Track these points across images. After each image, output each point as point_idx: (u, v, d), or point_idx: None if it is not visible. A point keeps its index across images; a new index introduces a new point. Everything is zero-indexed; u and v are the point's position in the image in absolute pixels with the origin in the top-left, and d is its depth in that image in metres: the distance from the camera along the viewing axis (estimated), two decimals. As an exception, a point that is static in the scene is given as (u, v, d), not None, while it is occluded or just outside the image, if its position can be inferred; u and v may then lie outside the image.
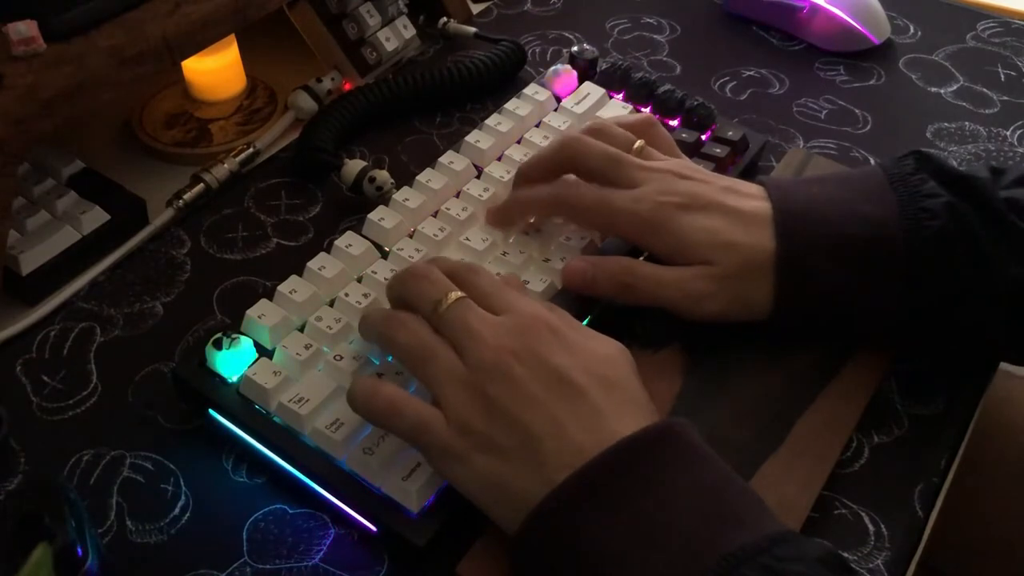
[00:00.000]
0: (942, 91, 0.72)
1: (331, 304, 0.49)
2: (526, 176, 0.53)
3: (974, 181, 0.47)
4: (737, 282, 0.48)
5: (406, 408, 0.40)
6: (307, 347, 0.46)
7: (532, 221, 0.53)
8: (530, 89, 0.63)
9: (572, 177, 0.52)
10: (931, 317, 0.47)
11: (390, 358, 0.46)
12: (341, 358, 0.46)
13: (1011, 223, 0.46)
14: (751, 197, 0.50)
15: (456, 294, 0.43)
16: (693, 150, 0.59)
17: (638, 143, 0.52)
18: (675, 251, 0.49)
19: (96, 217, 0.55)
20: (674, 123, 0.62)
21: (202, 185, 0.59)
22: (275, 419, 0.44)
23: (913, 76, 0.73)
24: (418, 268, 0.45)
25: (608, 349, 0.42)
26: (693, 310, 0.48)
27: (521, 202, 0.53)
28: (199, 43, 0.56)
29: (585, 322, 0.50)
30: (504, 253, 0.52)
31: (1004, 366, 0.55)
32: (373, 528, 0.42)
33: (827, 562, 0.35)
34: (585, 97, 0.63)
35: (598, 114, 0.63)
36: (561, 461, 0.38)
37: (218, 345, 0.45)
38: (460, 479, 0.40)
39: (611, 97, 0.64)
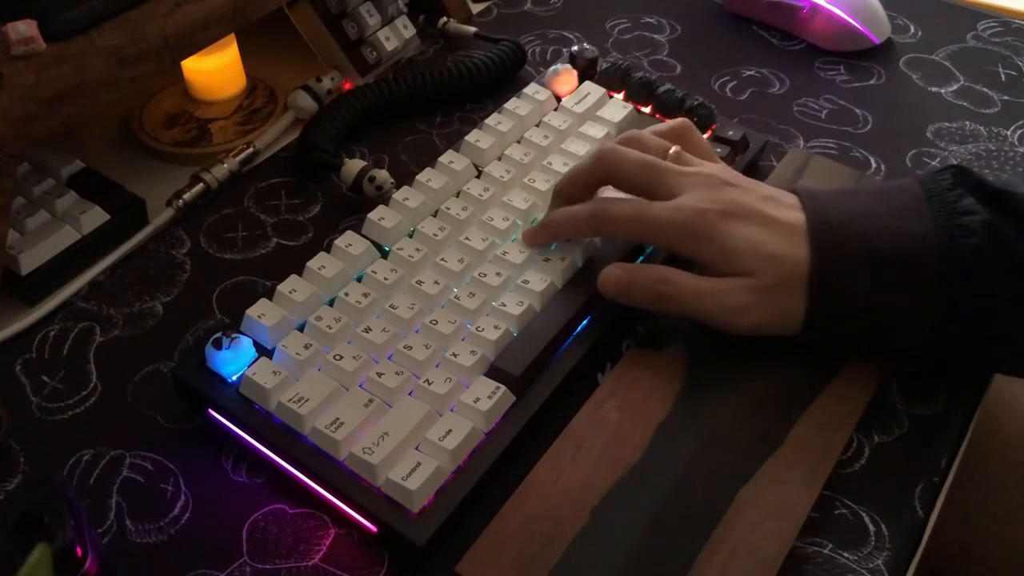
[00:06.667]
0: (942, 91, 0.72)
1: (331, 304, 0.49)
2: (564, 193, 0.52)
3: (1012, 196, 0.46)
4: (776, 295, 0.47)
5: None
6: (307, 347, 0.46)
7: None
8: (530, 89, 0.63)
9: (608, 191, 0.52)
10: (965, 334, 0.46)
11: (390, 356, 0.46)
12: (341, 358, 0.46)
13: None
14: (789, 207, 0.48)
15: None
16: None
17: (674, 149, 0.51)
18: (717, 260, 0.47)
19: (96, 217, 0.55)
20: (674, 123, 0.62)
21: (202, 185, 0.59)
22: (275, 419, 0.44)
23: (913, 76, 0.73)
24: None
25: None
26: (730, 322, 0.47)
27: (559, 223, 0.52)
28: (199, 43, 0.56)
29: (585, 322, 0.50)
30: (504, 253, 0.52)
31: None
32: (373, 528, 0.42)
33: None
34: (585, 97, 0.63)
35: (598, 114, 0.62)
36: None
37: (218, 345, 0.45)
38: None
39: (611, 97, 0.64)
